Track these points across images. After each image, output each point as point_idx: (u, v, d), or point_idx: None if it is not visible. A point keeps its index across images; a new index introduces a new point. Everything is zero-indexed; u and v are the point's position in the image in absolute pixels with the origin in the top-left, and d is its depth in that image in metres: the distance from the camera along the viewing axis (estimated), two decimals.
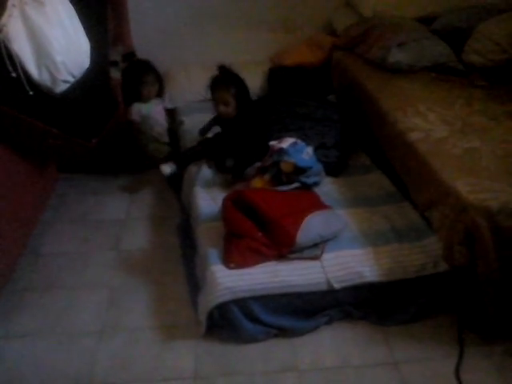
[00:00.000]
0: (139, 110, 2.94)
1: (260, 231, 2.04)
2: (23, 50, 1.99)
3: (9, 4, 1.93)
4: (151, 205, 2.84)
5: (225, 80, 2.60)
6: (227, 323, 1.94)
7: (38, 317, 2.09)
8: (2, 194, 2.17)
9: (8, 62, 1.93)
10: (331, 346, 1.96)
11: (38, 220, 2.59)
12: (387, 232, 2.14)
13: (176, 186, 2.86)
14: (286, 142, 2.31)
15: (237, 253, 1.99)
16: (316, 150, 2.54)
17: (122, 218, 2.71)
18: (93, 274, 2.33)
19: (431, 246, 2.03)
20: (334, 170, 2.55)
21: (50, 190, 2.82)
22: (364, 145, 2.81)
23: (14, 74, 1.96)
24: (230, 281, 1.92)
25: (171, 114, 3.26)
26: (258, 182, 2.36)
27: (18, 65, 1.96)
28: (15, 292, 2.20)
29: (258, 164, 2.42)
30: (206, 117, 3.03)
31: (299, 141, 2.36)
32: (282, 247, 2.00)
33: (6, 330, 2.03)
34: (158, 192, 2.95)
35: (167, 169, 2.67)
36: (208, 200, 2.38)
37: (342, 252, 2.04)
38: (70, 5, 2.19)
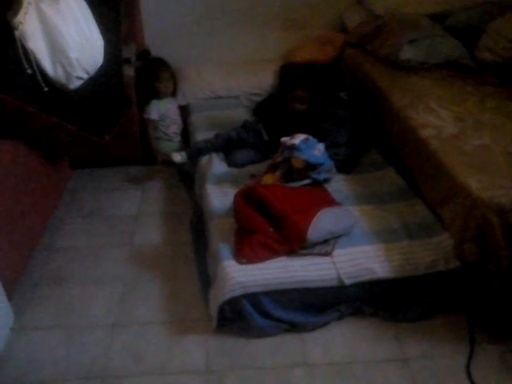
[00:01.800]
0: (158, 108, 2.95)
1: (271, 227, 2.06)
2: (38, 47, 2.01)
3: (25, 2, 1.95)
4: (163, 201, 2.86)
5: (304, 81, 2.75)
6: (238, 318, 1.96)
7: (52, 310, 2.13)
8: (16, 189, 2.21)
9: (23, 59, 1.95)
10: (341, 341, 1.97)
11: (51, 215, 2.63)
12: (398, 229, 2.14)
13: (188, 181, 2.89)
14: (298, 138, 2.33)
15: (248, 248, 2.01)
16: (327, 147, 2.55)
17: (134, 213, 2.73)
18: (105, 268, 2.36)
19: (443, 242, 2.03)
20: (344, 167, 2.55)
21: (63, 185, 2.85)
22: (376, 142, 2.81)
23: (29, 71, 1.98)
24: (241, 276, 1.94)
25: (182, 110, 3.27)
26: (269, 178, 2.38)
27: (33, 61, 1.98)
28: (29, 286, 2.24)
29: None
30: (217, 114, 3.08)
31: (311, 137, 2.37)
32: (293, 243, 2.02)
33: (20, 322, 2.07)
34: (169, 188, 2.97)
35: (177, 157, 2.71)
36: (219, 196, 2.40)
37: (352, 248, 2.05)
38: (84, 2, 2.21)
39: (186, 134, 3.14)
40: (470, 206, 1.81)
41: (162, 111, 2.95)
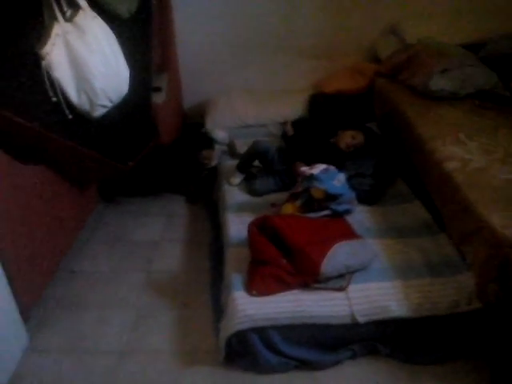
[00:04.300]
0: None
1: (284, 258, 2.01)
2: (64, 76, 2.08)
3: (53, 33, 2.03)
4: (186, 228, 2.87)
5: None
6: (246, 352, 1.91)
7: (65, 333, 2.15)
8: (42, 211, 2.27)
9: (49, 88, 2.02)
10: (354, 382, 1.88)
11: (74, 239, 2.68)
12: (419, 265, 2.05)
13: (212, 208, 2.90)
14: (317, 168, 2.29)
15: (259, 280, 1.96)
16: (352, 177, 2.50)
17: (156, 239, 2.75)
18: (122, 293, 2.37)
19: (466, 281, 1.92)
20: (368, 198, 2.48)
21: (89, 210, 2.91)
22: (404, 173, 2.72)
23: (54, 99, 2.05)
24: (251, 308, 1.89)
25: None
26: (288, 208, 2.34)
27: (58, 90, 2.05)
28: (46, 308, 2.27)
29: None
30: (245, 143, 3.07)
31: (331, 167, 2.33)
32: (307, 276, 1.95)
33: (34, 343, 2.10)
34: (194, 215, 2.98)
35: (236, 180, 2.74)
36: (238, 225, 2.37)
37: (369, 284, 1.96)
38: (112, 33, 2.28)
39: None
40: (493, 245, 1.71)
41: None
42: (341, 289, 1.94)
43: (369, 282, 1.97)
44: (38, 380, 1.94)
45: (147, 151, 2.67)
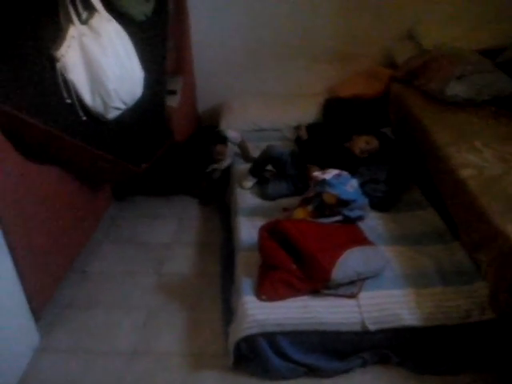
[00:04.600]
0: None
1: (294, 263, 1.99)
2: (79, 78, 2.09)
3: (68, 35, 2.05)
4: (198, 230, 2.87)
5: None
6: (254, 357, 1.89)
7: (76, 333, 2.16)
8: (57, 211, 2.28)
9: (63, 89, 2.04)
10: None
11: (88, 239, 2.69)
12: (432, 273, 2.02)
13: (224, 211, 2.89)
14: (330, 173, 2.27)
15: (269, 285, 1.95)
16: (366, 183, 2.48)
17: (167, 242, 2.75)
18: (132, 295, 2.37)
19: (479, 291, 1.89)
20: (381, 204, 2.46)
21: (102, 211, 2.93)
22: (418, 180, 2.69)
23: (68, 100, 2.07)
24: (260, 313, 1.88)
25: None
26: (300, 213, 2.32)
27: (72, 92, 2.07)
28: (57, 308, 2.29)
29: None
30: (259, 146, 3.06)
31: (344, 172, 2.31)
32: (317, 282, 1.94)
33: (45, 343, 2.11)
34: (206, 218, 2.98)
35: (248, 184, 2.74)
36: (249, 229, 2.37)
37: (380, 292, 1.94)
38: (127, 36, 2.29)
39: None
40: (507, 254, 1.67)
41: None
42: (352, 296, 1.92)
43: (380, 289, 1.95)
44: (47, 380, 1.95)
45: (161, 153, 2.68)
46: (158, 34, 2.64)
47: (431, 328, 1.85)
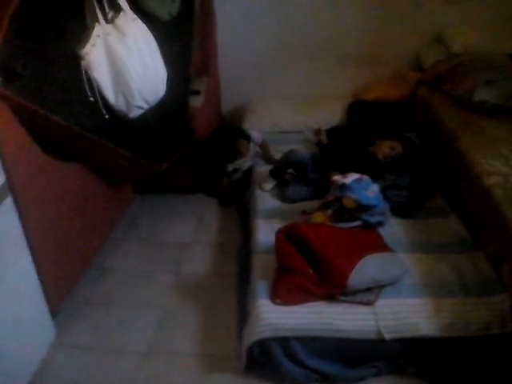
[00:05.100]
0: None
1: (311, 268, 1.96)
2: (103, 77, 2.12)
3: (93, 34, 2.07)
4: (218, 231, 2.87)
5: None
6: (267, 361, 1.87)
7: (91, 330, 2.18)
8: (78, 208, 2.31)
9: (87, 87, 2.07)
10: None
11: (108, 236, 2.72)
12: (452, 283, 1.96)
13: (244, 213, 2.88)
14: (350, 178, 2.24)
15: (284, 288, 1.93)
16: (388, 188, 2.43)
17: (186, 241, 2.76)
18: (149, 294, 2.39)
19: (501, 303, 1.82)
20: (403, 210, 2.40)
21: (122, 209, 2.95)
22: (443, 186, 2.63)
23: (92, 99, 2.09)
24: (274, 317, 1.86)
25: None
26: (319, 216, 2.30)
27: (96, 90, 2.09)
28: (75, 304, 2.32)
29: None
30: (281, 149, 3.04)
31: (365, 176, 2.27)
32: (333, 288, 1.91)
33: (61, 339, 2.14)
34: (226, 218, 2.98)
35: (268, 186, 2.72)
36: (267, 231, 2.34)
37: (398, 300, 1.90)
38: (151, 35, 2.30)
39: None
40: None
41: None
42: (368, 303, 1.89)
43: (398, 297, 1.90)
44: (61, 375, 1.97)
45: (182, 153, 2.69)
46: (184, 34, 2.65)
47: (449, 339, 1.80)
